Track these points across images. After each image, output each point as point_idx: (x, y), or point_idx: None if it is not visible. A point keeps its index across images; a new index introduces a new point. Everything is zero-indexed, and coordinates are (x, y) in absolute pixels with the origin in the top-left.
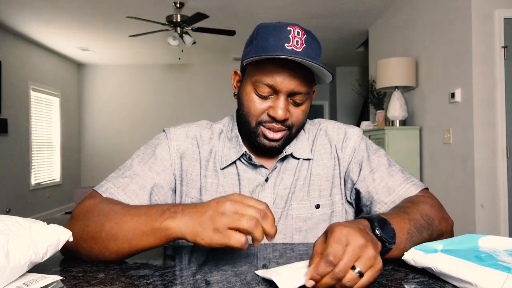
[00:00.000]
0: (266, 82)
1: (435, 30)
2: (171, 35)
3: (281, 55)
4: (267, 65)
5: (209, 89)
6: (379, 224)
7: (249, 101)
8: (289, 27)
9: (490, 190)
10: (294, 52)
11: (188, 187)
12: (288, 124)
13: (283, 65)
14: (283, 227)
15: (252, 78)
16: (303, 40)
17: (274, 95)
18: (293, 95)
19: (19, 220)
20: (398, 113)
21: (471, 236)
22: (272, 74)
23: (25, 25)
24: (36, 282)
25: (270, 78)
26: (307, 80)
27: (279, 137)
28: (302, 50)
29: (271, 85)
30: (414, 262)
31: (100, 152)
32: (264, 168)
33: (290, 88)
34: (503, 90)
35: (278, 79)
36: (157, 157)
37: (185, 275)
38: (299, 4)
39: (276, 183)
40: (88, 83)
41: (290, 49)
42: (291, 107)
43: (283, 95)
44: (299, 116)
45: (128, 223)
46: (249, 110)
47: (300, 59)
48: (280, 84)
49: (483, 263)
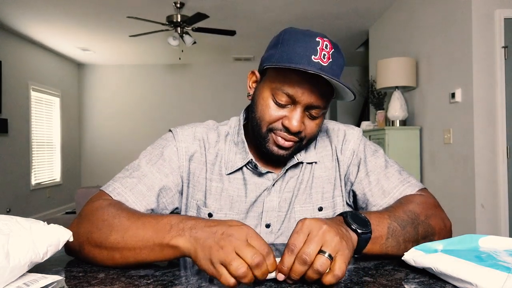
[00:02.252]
0: (286, 91)
1: (435, 30)
2: (171, 35)
3: (308, 70)
4: (289, 74)
5: (209, 89)
6: (351, 216)
7: (265, 106)
8: (318, 38)
9: (490, 190)
10: (319, 66)
11: (194, 189)
12: (301, 136)
13: (306, 77)
14: (285, 230)
15: (272, 84)
16: (330, 54)
17: (292, 106)
18: (310, 108)
19: (19, 220)
20: (398, 113)
21: (471, 236)
22: (294, 85)
23: (25, 25)
24: (36, 282)
25: (291, 88)
26: (326, 95)
27: (289, 146)
28: (328, 65)
29: (291, 95)
30: (414, 262)
31: (100, 152)
32: (270, 173)
33: (310, 101)
34: (504, 90)
35: (299, 91)
36: (165, 158)
37: (185, 275)
38: (299, 4)
39: (281, 187)
40: (88, 83)
41: (317, 62)
42: (306, 119)
43: (301, 107)
44: (313, 129)
45: (134, 237)
46: (263, 115)
47: (326, 76)
48: (301, 96)
49: (483, 263)
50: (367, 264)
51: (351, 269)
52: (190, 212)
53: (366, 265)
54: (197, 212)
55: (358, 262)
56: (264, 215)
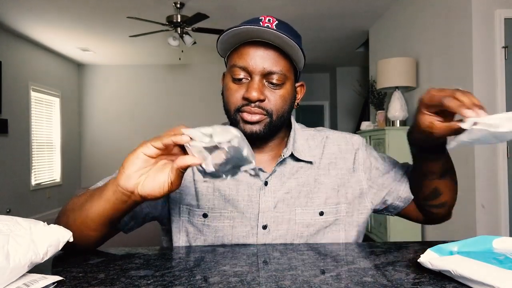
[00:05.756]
0: (239, 64)
1: (435, 30)
2: (171, 36)
3: (245, 26)
4: (238, 49)
5: (209, 89)
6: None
7: (227, 89)
8: (262, 16)
9: (491, 190)
10: (263, 29)
11: (182, 194)
12: (267, 108)
13: (253, 46)
14: (284, 232)
15: (229, 66)
16: (275, 26)
17: (250, 79)
18: (268, 75)
19: (19, 220)
20: (399, 113)
21: (485, 237)
22: (244, 56)
23: (25, 25)
24: (36, 282)
25: (243, 60)
26: (281, 59)
27: (257, 119)
28: (272, 27)
29: (244, 67)
30: (431, 265)
31: (100, 152)
32: (262, 171)
33: (263, 67)
34: (504, 90)
35: (250, 60)
36: None
37: (185, 275)
38: (299, 4)
39: (277, 187)
40: (88, 83)
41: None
42: (268, 90)
43: (256, 75)
44: (277, 100)
45: (86, 194)
46: (228, 98)
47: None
48: (253, 64)
49: (503, 265)
50: (367, 264)
51: (351, 270)
52: (183, 218)
53: (366, 265)
54: (189, 215)
55: (358, 262)
56: (261, 216)
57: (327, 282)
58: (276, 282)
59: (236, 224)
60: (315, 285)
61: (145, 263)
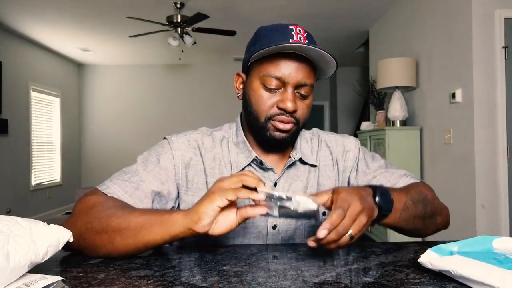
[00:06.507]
0: (274, 74)
1: (435, 30)
2: (171, 36)
3: (291, 43)
4: (273, 59)
5: (209, 90)
6: (380, 193)
7: (257, 96)
8: (291, 26)
9: (491, 190)
10: (299, 44)
11: (194, 196)
12: (296, 117)
13: (289, 58)
14: (293, 233)
15: (260, 74)
16: (305, 37)
17: (282, 89)
18: (299, 87)
19: (19, 220)
20: (399, 113)
21: (485, 237)
22: (280, 67)
23: (25, 25)
24: (36, 282)
25: (278, 71)
26: (311, 72)
27: (289, 128)
28: (306, 43)
29: (280, 77)
30: (431, 265)
31: (100, 152)
32: (272, 172)
33: (297, 79)
34: (504, 90)
35: (286, 71)
36: (161, 166)
37: (185, 275)
38: (299, 4)
39: (284, 188)
40: (88, 83)
41: (295, 43)
42: (298, 100)
43: (290, 87)
44: (305, 110)
45: (137, 218)
46: (258, 106)
47: (309, 46)
48: (288, 75)
49: (503, 265)
50: (367, 264)
51: (351, 270)
52: None
53: (366, 265)
54: None
55: (359, 262)
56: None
57: (327, 282)
58: (276, 282)
59: (247, 225)
60: (315, 285)
61: (145, 263)
